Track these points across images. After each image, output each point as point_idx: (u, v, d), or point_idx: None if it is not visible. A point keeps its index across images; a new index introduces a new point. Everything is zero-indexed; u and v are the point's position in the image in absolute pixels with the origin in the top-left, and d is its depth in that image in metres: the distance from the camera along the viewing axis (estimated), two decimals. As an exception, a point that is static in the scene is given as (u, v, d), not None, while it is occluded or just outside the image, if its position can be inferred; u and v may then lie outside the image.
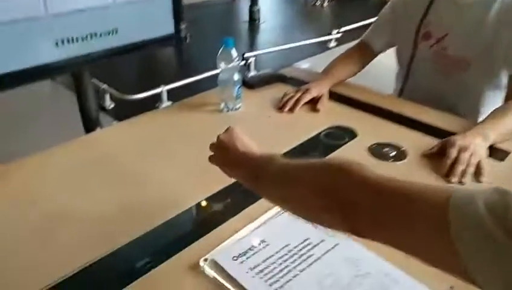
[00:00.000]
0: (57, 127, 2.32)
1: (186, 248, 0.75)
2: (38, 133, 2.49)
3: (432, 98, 1.27)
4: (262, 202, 0.85)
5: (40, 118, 2.75)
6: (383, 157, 1.02)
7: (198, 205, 0.87)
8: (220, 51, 1.15)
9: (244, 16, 5.35)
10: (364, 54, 1.44)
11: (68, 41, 0.99)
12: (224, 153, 0.75)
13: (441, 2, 1.26)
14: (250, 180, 0.69)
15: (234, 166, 0.74)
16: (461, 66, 1.23)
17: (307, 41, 4.09)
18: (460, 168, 0.93)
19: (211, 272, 0.70)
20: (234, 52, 1.15)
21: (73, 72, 1.14)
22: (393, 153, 1.04)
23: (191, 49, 4.19)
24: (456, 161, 0.94)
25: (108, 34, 1.06)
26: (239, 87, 1.19)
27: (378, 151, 1.05)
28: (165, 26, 1.19)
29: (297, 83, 1.39)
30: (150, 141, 1.10)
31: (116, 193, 0.90)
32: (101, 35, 1.05)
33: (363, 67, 1.45)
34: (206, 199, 0.88)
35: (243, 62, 3.51)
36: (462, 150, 0.96)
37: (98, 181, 0.94)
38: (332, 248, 0.75)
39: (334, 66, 1.42)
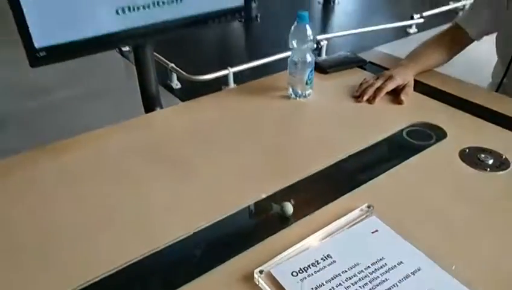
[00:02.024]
0: (123, 102, 2.33)
1: (239, 255, 0.65)
2: (106, 107, 2.55)
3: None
4: (332, 208, 0.73)
5: (109, 93, 2.82)
6: (479, 165, 0.85)
7: (256, 205, 0.76)
8: (292, 27, 1.02)
9: (319, -4, 5.12)
10: (458, 39, 1.24)
11: (130, 9, 0.91)
12: None
13: None
14: None
15: None
16: None
17: (385, 26, 3.82)
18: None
19: (265, 287, 0.60)
20: (309, 29, 1.02)
21: (135, 45, 1.07)
22: (492, 161, 0.86)
23: (260, 30, 4.09)
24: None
25: (173, 2, 0.97)
26: (311, 71, 1.06)
27: (472, 157, 0.88)
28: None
29: (378, 69, 1.23)
30: (209, 126, 1.00)
31: (166, 183, 0.82)
32: (164, 3, 0.96)
33: (454, 55, 1.25)
34: (265, 199, 0.76)
35: (314, 46, 3.35)
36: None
37: (148, 169, 0.86)
38: (413, 273, 0.61)
39: (422, 51, 1.23)
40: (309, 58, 1.04)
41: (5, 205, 0.77)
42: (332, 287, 0.59)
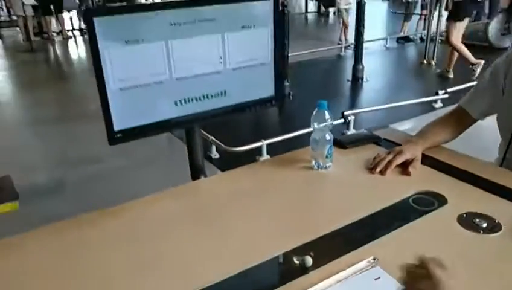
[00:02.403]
0: (169, 171, 2.59)
1: (266, 294, 0.82)
2: (154, 176, 2.81)
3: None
4: (344, 259, 0.90)
5: (156, 163, 3.10)
6: (473, 228, 1.00)
7: (282, 256, 0.92)
8: (314, 112, 1.24)
9: (348, 74, 5.46)
10: (462, 120, 1.42)
11: (185, 101, 1.18)
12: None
13: None
14: None
15: None
16: None
17: (410, 102, 4.04)
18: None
19: (287, 319, 0.76)
20: (327, 114, 1.23)
21: (187, 128, 1.33)
22: (485, 225, 1.00)
23: (292, 106, 4.38)
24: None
25: (218, 95, 1.24)
26: (330, 147, 1.26)
27: (468, 221, 1.02)
28: (266, 89, 1.34)
29: (391, 144, 1.41)
30: (245, 192, 1.21)
31: (206, 239, 1.01)
32: (212, 96, 1.23)
33: (460, 133, 1.42)
34: (289, 252, 0.93)
35: (342, 120, 3.58)
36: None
37: (193, 227, 1.06)
38: (409, 313, 0.76)
39: (430, 130, 1.42)
40: (328, 136, 1.25)
41: (59, 261, 0.95)
42: (340, 320, 0.75)
